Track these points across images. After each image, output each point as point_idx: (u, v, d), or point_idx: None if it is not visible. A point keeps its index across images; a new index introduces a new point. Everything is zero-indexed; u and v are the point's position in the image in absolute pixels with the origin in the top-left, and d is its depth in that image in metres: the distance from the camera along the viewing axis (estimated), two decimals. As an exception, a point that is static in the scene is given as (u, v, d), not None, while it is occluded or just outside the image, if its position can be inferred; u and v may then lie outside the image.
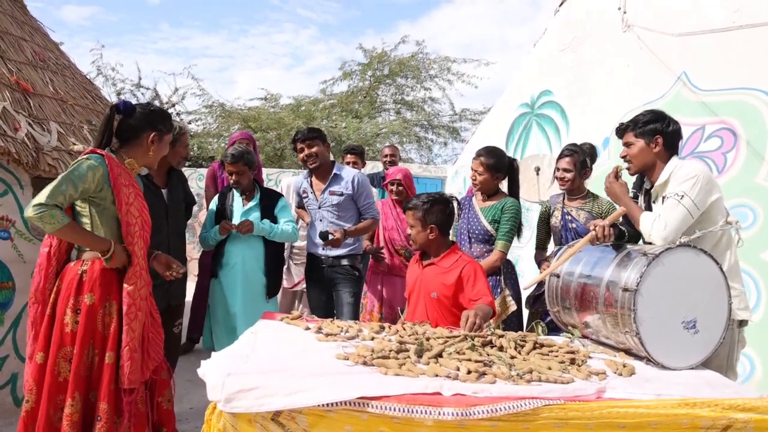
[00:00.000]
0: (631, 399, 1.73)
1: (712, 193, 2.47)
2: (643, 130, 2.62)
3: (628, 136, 2.67)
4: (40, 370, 2.37)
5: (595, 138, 5.06)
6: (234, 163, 3.88)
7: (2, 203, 3.36)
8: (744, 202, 3.75)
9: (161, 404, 2.61)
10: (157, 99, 13.95)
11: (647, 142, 2.60)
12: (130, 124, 2.56)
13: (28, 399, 2.38)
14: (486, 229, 3.57)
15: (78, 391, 2.34)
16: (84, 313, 2.38)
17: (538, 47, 6.39)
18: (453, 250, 2.91)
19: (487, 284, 2.82)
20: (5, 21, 4.26)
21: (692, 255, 2.23)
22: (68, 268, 2.47)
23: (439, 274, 2.85)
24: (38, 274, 2.48)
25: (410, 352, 2.04)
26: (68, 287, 2.41)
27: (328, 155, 3.85)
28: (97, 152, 2.45)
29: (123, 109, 2.55)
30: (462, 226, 3.67)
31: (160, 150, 2.66)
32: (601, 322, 2.31)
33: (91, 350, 2.39)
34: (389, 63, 14.58)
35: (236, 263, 3.87)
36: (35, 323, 2.46)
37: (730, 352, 2.46)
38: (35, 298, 2.47)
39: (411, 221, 2.91)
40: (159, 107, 2.74)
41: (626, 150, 2.68)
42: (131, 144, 2.58)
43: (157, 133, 2.60)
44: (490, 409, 1.60)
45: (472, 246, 3.60)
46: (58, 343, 2.37)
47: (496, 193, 3.68)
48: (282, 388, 1.65)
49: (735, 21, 4.01)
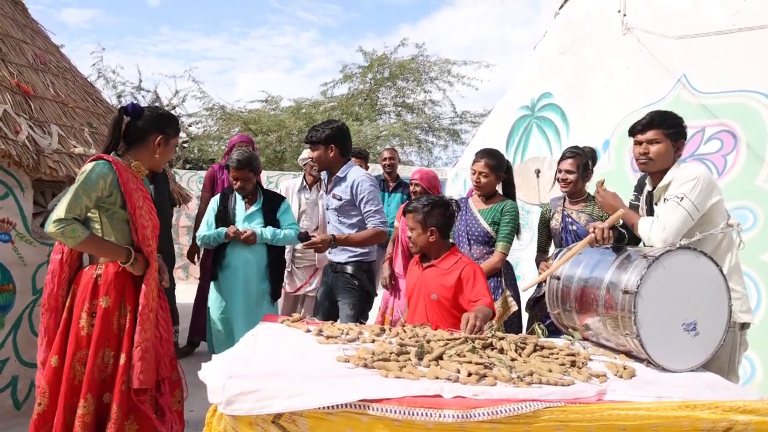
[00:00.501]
0: (632, 401, 1.72)
1: (713, 195, 2.47)
2: (676, 131, 2.57)
3: (655, 134, 2.56)
4: (55, 374, 2.39)
5: (596, 140, 5.06)
6: (240, 169, 3.85)
7: (3, 206, 3.36)
8: (744, 204, 3.75)
9: (172, 406, 2.61)
10: (157, 101, 13.97)
11: (673, 144, 2.56)
12: (137, 126, 2.57)
13: (41, 402, 2.39)
14: (486, 230, 3.60)
15: (91, 392, 2.36)
16: (99, 316, 2.41)
17: (539, 49, 6.40)
18: (453, 252, 2.92)
19: (486, 286, 2.82)
20: (6, 24, 4.27)
21: (692, 257, 2.23)
22: (83, 273, 2.50)
23: (438, 276, 2.85)
24: (51, 281, 2.49)
25: (411, 354, 2.04)
26: (83, 291, 2.44)
27: (331, 157, 3.45)
28: (104, 158, 2.45)
29: (131, 111, 2.55)
30: (460, 228, 3.68)
31: (167, 153, 2.66)
32: (601, 325, 2.31)
33: (107, 352, 2.42)
34: (389, 66, 14.61)
35: (237, 266, 3.87)
36: (48, 330, 2.48)
37: (731, 354, 2.46)
38: (48, 305, 2.48)
39: (411, 224, 2.91)
40: (167, 111, 2.75)
41: (648, 147, 2.57)
42: (138, 146, 2.59)
43: (164, 136, 2.61)
44: (491, 411, 1.60)
45: (471, 248, 3.61)
46: (74, 346, 2.40)
47: (494, 195, 3.72)
48: (283, 390, 1.65)
49: (735, 23, 4.01)
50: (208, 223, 4.00)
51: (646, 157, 2.59)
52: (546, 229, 3.86)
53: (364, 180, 3.44)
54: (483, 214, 3.64)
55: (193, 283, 8.52)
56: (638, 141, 2.62)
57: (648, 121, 2.60)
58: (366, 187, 3.43)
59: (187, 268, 9.78)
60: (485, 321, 2.50)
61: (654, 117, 2.60)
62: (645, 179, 2.78)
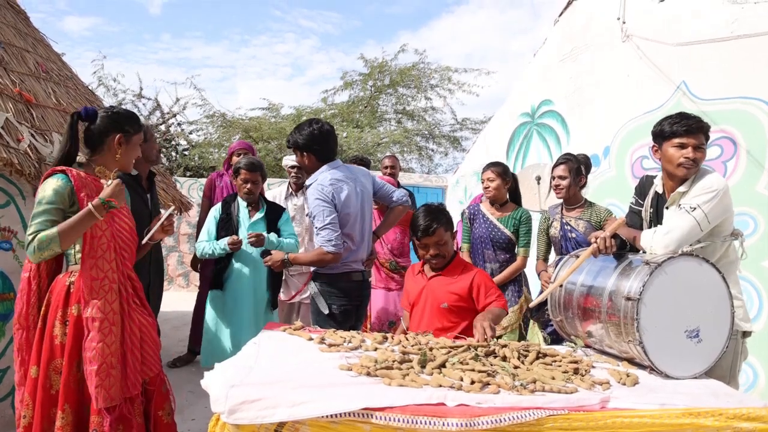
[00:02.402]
0: (636, 409, 1.72)
1: (727, 210, 2.44)
2: (708, 137, 2.49)
3: (702, 138, 2.46)
4: (35, 385, 2.34)
5: (596, 147, 5.08)
6: (252, 171, 3.87)
7: (4, 214, 3.36)
8: (744, 210, 3.76)
9: (161, 418, 2.56)
10: (158, 109, 13.99)
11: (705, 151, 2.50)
12: (94, 129, 2.49)
13: (25, 414, 2.35)
14: (509, 237, 3.96)
15: (68, 403, 2.30)
16: (72, 324, 2.34)
17: (539, 57, 6.42)
18: (458, 260, 2.94)
19: (497, 288, 2.87)
20: (8, 32, 4.29)
21: (695, 264, 2.22)
22: (57, 281, 2.44)
23: (447, 284, 2.85)
24: (20, 300, 2.43)
25: (413, 362, 2.03)
26: (57, 299, 2.38)
27: (308, 164, 3.22)
28: (57, 171, 2.37)
29: (85, 115, 2.48)
30: (482, 235, 4.01)
31: (130, 152, 2.57)
32: (604, 332, 2.31)
33: (81, 361, 2.34)
34: (390, 73, 14.64)
35: (245, 274, 3.87)
36: (21, 349, 2.42)
37: (733, 362, 2.45)
38: (19, 324, 2.42)
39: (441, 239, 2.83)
40: (123, 109, 2.64)
41: (694, 153, 2.44)
42: (99, 150, 2.51)
43: (123, 134, 2.51)
44: (495, 419, 1.59)
45: (497, 254, 3.97)
46: (48, 355, 2.34)
47: (505, 203, 4.05)
48: (285, 399, 1.65)
49: (734, 30, 4.03)
50: (209, 233, 3.97)
51: (696, 163, 2.45)
52: (545, 237, 3.89)
53: (311, 192, 3.10)
54: (503, 222, 3.98)
55: (193, 290, 8.53)
56: (683, 144, 2.46)
57: (697, 124, 2.46)
58: (311, 202, 3.08)
59: (187, 276, 9.77)
60: (497, 321, 2.62)
61: (701, 120, 2.46)
62: (647, 182, 2.74)
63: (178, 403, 2.85)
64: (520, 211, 4.00)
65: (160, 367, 2.62)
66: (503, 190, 4.01)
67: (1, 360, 3.34)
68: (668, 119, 2.53)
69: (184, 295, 8.35)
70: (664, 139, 2.52)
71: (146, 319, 2.55)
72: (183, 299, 7.29)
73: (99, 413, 2.29)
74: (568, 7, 5.87)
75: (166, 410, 2.60)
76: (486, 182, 4.00)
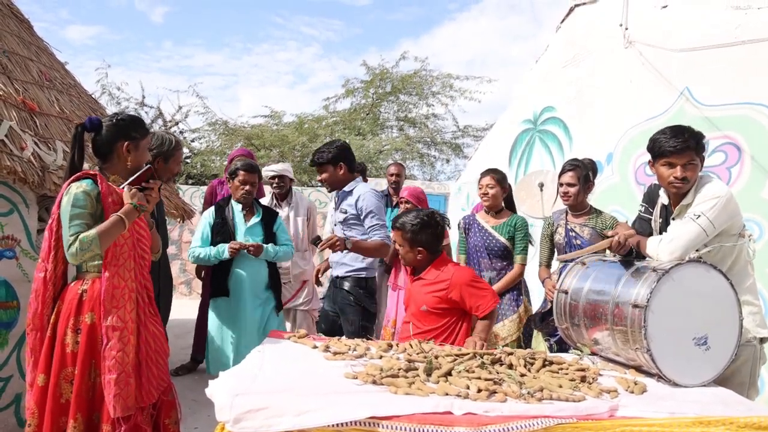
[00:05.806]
0: (645, 417, 1.70)
1: (733, 215, 2.43)
2: (703, 148, 2.45)
3: (692, 156, 2.40)
4: (42, 393, 2.33)
5: (599, 153, 5.06)
6: (250, 173, 3.87)
7: (8, 222, 3.36)
8: (750, 216, 3.73)
9: (168, 426, 2.55)
10: (160, 117, 14.03)
11: (701, 161, 2.46)
12: (101, 139, 2.49)
13: (30, 423, 2.34)
14: (505, 245, 3.86)
15: (80, 412, 2.29)
16: (85, 332, 2.33)
17: (541, 63, 6.43)
18: (439, 261, 2.92)
19: (479, 285, 2.85)
20: (12, 41, 4.31)
21: (702, 270, 2.21)
22: (68, 289, 2.43)
23: (426, 286, 2.88)
24: (35, 300, 2.41)
25: (419, 370, 2.02)
26: (68, 307, 2.37)
27: (341, 175, 3.55)
28: (83, 176, 2.38)
29: (90, 126, 2.48)
30: (477, 244, 3.94)
31: (139, 156, 2.57)
32: (611, 339, 2.29)
33: (93, 371, 2.34)
34: (392, 80, 14.67)
35: (245, 280, 3.87)
36: (34, 350, 2.40)
37: (752, 369, 2.42)
38: (33, 324, 2.41)
39: (399, 240, 2.92)
40: (127, 115, 2.63)
41: (685, 171, 2.40)
42: (109, 159, 2.51)
43: (131, 141, 2.51)
44: (503, 428, 1.58)
45: (493, 262, 3.89)
46: (59, 364, 2.32)
47: (501, 210, 3.96)
48: (291, 408, 1.63)
49: (737, 36, 4.03)
50: (203, 238, 3.94)
51: (685, 182, 2.43)
52: (549, 243, 3.86)
53: (369, 195, 3.51)
54: (498, 230, 3.89)
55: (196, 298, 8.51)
56: (671, 163, 2.44)
57: (684, 144, 2.40)
58: (371, 202, 3.50)
59: (190, 284, 9.75)
60: (487, 333, 2.68)
61: (689, 139, 2.40)
62: (655, 190, 2.72)
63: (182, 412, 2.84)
64: (515, 218, 3.93)
65: (168, 375, 2.61)
66: (501, 197, 3.93)
67: (4, 369, 3.33)
68: (659, 135, 2.50)
69: (187, 302, 8.33)
70: (654, 157, 2.54)
71: (158, 329, 2.55)
72: (185, 307, 7.27)
73: (111, 422, 2.28)
74: (570, 13, 5.88)
75: (173, 419, 2.59)
76: (485, 188, 3.89)
